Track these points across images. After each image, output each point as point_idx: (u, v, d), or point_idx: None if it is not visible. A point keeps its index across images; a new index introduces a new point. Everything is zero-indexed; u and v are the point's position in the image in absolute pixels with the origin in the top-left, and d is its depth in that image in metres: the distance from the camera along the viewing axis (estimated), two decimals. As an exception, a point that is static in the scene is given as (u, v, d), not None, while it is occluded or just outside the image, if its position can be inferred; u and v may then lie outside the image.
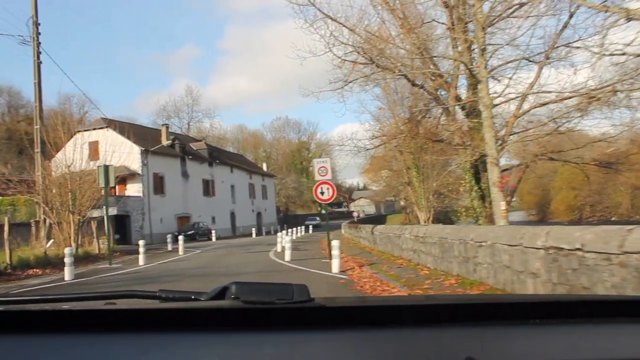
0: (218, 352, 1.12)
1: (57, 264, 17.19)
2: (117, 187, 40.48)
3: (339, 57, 23.87)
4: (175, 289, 1.49)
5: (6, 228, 15.81)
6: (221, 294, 1.33)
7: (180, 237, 23.06)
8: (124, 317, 1.28)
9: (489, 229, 8.40)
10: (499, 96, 15.88)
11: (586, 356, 1.08)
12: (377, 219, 63.56)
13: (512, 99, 16.82)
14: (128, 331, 1.21)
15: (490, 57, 16.82)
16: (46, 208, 23.27)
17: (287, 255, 17.05)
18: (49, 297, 1.48)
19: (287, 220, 73.24)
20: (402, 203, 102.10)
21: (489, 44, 17.64)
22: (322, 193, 16.98)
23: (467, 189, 26.17)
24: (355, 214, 78.48)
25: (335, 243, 13.08)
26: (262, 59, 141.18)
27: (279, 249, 21.96)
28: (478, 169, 23.69)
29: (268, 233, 52.81)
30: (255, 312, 1.23)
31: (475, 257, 8.70)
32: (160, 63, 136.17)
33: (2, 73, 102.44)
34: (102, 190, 21.46)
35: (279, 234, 24.40)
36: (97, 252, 21.80)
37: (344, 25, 23.60)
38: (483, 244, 8.34)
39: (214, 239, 40.21)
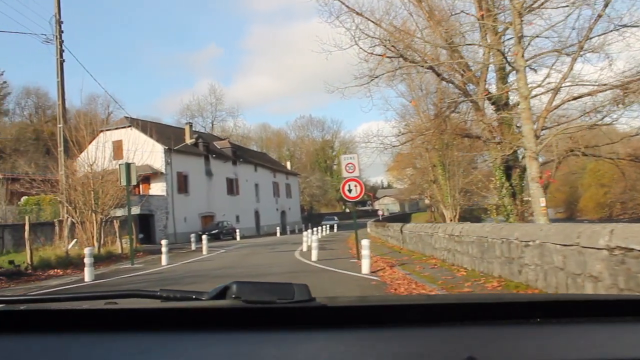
0: (219, 352, 1.10)
1: (78, 264, 16.82)
2: (140, 186, 40.37)
3: (365, 51, 23.26)
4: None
5: (26, 227, 15.45)
6: (222, 293, 1.32)
7: (204, 237, 22.61)
8: (125, 316, 1.27)
9: (537, 226, 7.69)
10: (538, 86, 15.04)
11: (587, 356, 1.07)
12: (401, 218, 62.71)
13: (552, 89, 15.93)
14: (129, 331, 1.20)
15: (528, 44, 16.00)
16: (69, 207, 23.03)
17: (314, 255, 16.46)
18: (50, 296, 1.50)
19: (312, 219, 72.71)
20: (426, 201, 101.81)
21: (523, 36, 16.80)
22: (349, 190, 16.36)
23: (498, 186, 25.27)
24: (380, 213, 77.83)
25: (365, 242, 12.43)
26: (285, 58, 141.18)
27: (304, 248, 21.39)
28: (509, 166, 22.92)
29: (292, 232, 52.32)
30: (256, 311, 1.22)
31: (521, 258, 8.00)
32: (183, 63, 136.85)
33: (30, 75, 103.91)
34: (123, 188, 21.16)
35: (304, 232, 23.85)
36: (120, 251, 21.44)
37: (369, 20, 23.01)
38: (530, 243, 7.64)
39: (238, 238, 39.81)
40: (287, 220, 63.06)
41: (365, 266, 12.24)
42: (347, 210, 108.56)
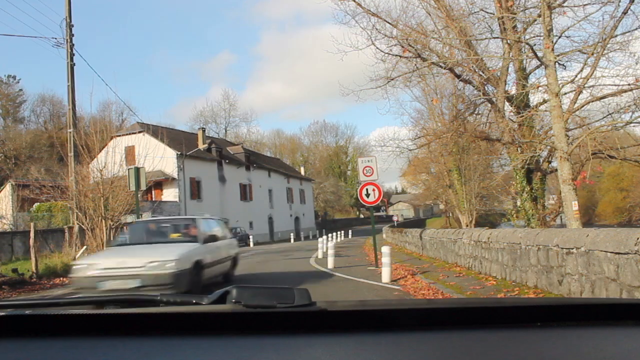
0: (219, 357, 1.10)
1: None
2: (153, 192, 39.94)
3: (382, 51, 22.59)
4: None
5: (31, 234, 14.89)
6: (222, 297, 1.32)
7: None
8: (125, 321, 1.27)
9: (582, 232, 6.91)
10: (570, 82, 14.23)
11: (588, 359, 1.08)
12: (416, 223, 61.83)
13: (576, 88, 15.12)
14: (129, 335, 1.20)
15: (558, 38, 15.21)
16: (79, 214, 22.52)
17: (330, 263, 15.76)
18: (50, 301, 1.52)
19: (326, 225, 71.98)
20: (441, 207, 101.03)
21: (552, 29, 16.01)
22: (367, 195, 15.65)
23: (518, 190, 24.40)
24: (395, 218, 77.05)
25: (385, 250, 11.68)
26: (297, 65, 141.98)
27: (319, 255, 20.70)
28: (530, 169, 22.12)
29: (307, 238, 51.58)
30: (256, 316, 1.23)
31: (562, 267, 7.21)
32: (197, 71, 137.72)
33: (46, 82, 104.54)
34: (132, 192, 20.58)
35: (319, 239, 23.13)
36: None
37: (385, 20, 22.36)
38: (573, 250, 6.86)
39: (251, 244, 39.20)
40: (301, 227, 62.35)
41: (386, 274, 11.51)
42: (361, 216, 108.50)
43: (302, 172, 72.85)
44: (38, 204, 34.95)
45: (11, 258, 23.87)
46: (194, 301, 1.40)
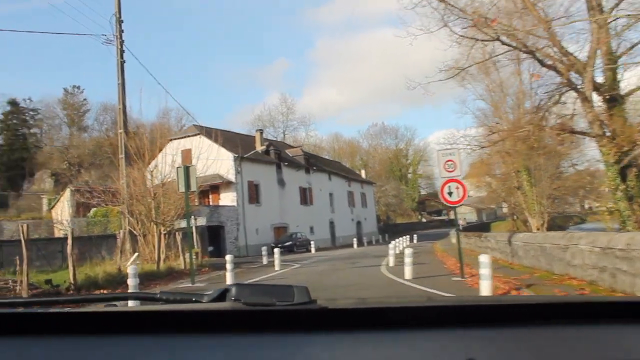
0: (219, 354, 1.11)
1: (143, 277, 14.57)
2: (210, 196, 38.60)
3: (456, 33, 20.19)
4: None
5: (69, 241, 13.17)
6: (222, 295, 1.32)
7: (276, 250, 19.92)
8: (125, 319, 1.27)
9: None
10: None
11: (587, 358, 1.09)
12: (480, 227, 58.50)
13: None
14: (129, 333, 1.20)
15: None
16: (131, 219, 21.08)
17: (408, 272, 13.47)
18: (50, 299, 1.64)
19: (388, 229, 69.36)
20: (504, 210, 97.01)
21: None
22: (449, 194, 13.30)
23: (611, 189, 21.44)
24: (460, 222, 73.66)
25: (485, 259, 9.27)
26: (352, 69, 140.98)
27: (390, 262, 18.41)
28: (629, 164, 19.32)
29: (369, 243, 49.04)
30: (256, 314, 1.23)
31: None
32: (253, 78, 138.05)
33: (109, 92, 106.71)
34: (189, 197, 18.95)
35: (390, 244, 20.82)
36: (182, 267, 19.09)
37: (454, 7, 20.06)
38: None
39: (312, 250, 37.19)
40: (362, 231, 59.99)
41: (486, 289, 9.12)
42: (423, 220, 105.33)
43: (363, 175, 70.53)
44: (95, 209, 34.12)
45: (61, 265, 22.67)
46: (194, 299, 1.40)
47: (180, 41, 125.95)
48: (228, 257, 14.25)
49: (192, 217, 22.60)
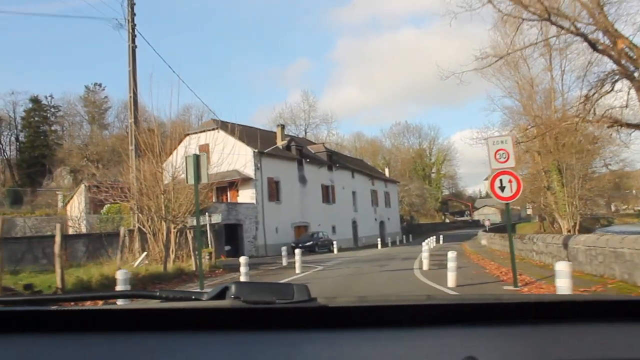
0: (218, 352, 1.11)
1: (134, 284, 12.83)
2: (228, 193, 36.93)
3: (501, 11, 18.25)
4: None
5: (57, 239, 11.20)
6: (222, 293, 1.32)
7: (297, 251, 18.05)
8: (124, 316, 1.28)
9: None
10: None
11: (588, 356, 1.08)
12: (504, 229, 55.66)
13: None
14: (129, 331, 1.20)
15: None
16: (140, 215, 19.43)
17: (451, 279, 11.56)
18: (51, 297, 1.57)
19: (411, 229, 67.24)
20: (528, 211, 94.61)
21: None
22: (501, 188, 11.34)
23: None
24: (487, 223, 71.73)
25: (564, 267, 7.30)
26: (373, 69, 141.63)
27: (425, 265, 16.50)
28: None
29: (393, 244, 46.90)
30: (255, 311, 1.22)
31: None
32: (274, 78, 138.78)
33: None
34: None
35: (424, 245, 18.92)
36: (194, 268, 17.33)
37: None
38: None
39: (335, 251, 35.29)
40: (385, 232, 57.96)
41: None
42: (447, 220, 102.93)
43: (387, 174, 68.46)
44: (108, 205, 32.69)
45: (68, 264, 21.11)
46: (194, 297, 1.40)
47: (202, 41, 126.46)
48: (242, 259, 12.44)
49: (207, 214, 20.91)
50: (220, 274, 18.06)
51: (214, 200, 36.02)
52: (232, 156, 34.79)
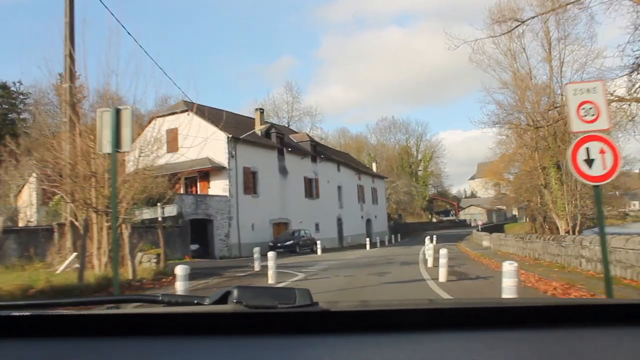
0: (221, 357, 1.10)
1: (50, 295, 8.78)
2: (198, 184, 32.51)
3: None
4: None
5: None
6: (224, 298, 1.32)
7: (271, 255, 13.64)
8: (126, 321, 1.27)
9: None
10: None
11: None
12: (494, 228, 52.64)
13: None
14: (130, 336, 1.19)
15: None
16: (72, 205, 15.05)
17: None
18: (52, 302, 1.56)
19: (398, 229, 63.19)
20: (514, 212, 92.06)
21: None
22: (588, 162, 7.16)
23: None
24: (479, 223, 68.82)
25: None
26: (359, 68, 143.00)
27: (442, 276, 12.38)
28: None
29: (382, 244, 42.45)
30: (257, 316, 1.22)
31: None
32: (259, 75, 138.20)
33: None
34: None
35: (427, 246, 14.82)
36: (130, 276, 12.88)
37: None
38: None
39: (319, 251, 30.99)
40: (372, 230, 53.86)
41: None
42: (434, 220, 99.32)
43: (374, 169, 64.30)
44: (58, 195, 28.25)
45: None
46: (196, 301, 1.39)
47: (183, 37, 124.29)
48: (179, 270, 7.96)
49: (159, 205, 16.60)
50: (169, 283, 13.70)
51: (182, 192, 31.59)
52: (204, 142, 30.44)
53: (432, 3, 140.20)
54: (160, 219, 16.24)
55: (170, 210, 16.40)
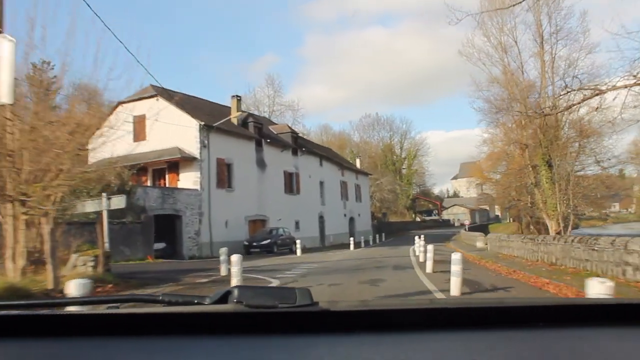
0: (221, 356, 1.10)
1: None
2: (167, 176, 29.54)
3: None
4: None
5: None
6: (224, 297, 1.31)
7: (235, 259, 10.85)
8: (126, 321, 1.26)
9: None
10: None
11: None
12: (478, 228, 50.94)
13: None
14: (131, 335, 1.18)
15: None
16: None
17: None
18: (52, 301, 1.57)
19: (382, 228, 60.68)
20: (497, 213, 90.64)
21: None
22: None
23: None
24: (466, 222, 67.17)
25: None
26: (342, 67, 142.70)
27: (454, 288, 9.71)
28: None
29: (367, 244, 39.66)
30: (258, 316, 1.22)
31: None
32: (241, 73, 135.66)
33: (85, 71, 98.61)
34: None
35: (420, 248, 12.55)
36: (52, 285, 9.95)
37: None
38: None
39: (298, 252, 28.21)
40: (355, 229, 51.21)
41: None
42: (417, 219, 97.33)
43: (358, 165, 61.66)
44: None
45: None
46: (196, 301, 1.38)
47: (164, 33, 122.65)
48: (72, 286, 5.18)
49: (104, 196, 13.72)
50: (110, 291, 10.85)
51: (149, 184, 28.65)
52: (173, 129, 27.54)
53: (417, 3, 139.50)
54: (105, 211, 13.34)
55: (118, 202, 13.50)
